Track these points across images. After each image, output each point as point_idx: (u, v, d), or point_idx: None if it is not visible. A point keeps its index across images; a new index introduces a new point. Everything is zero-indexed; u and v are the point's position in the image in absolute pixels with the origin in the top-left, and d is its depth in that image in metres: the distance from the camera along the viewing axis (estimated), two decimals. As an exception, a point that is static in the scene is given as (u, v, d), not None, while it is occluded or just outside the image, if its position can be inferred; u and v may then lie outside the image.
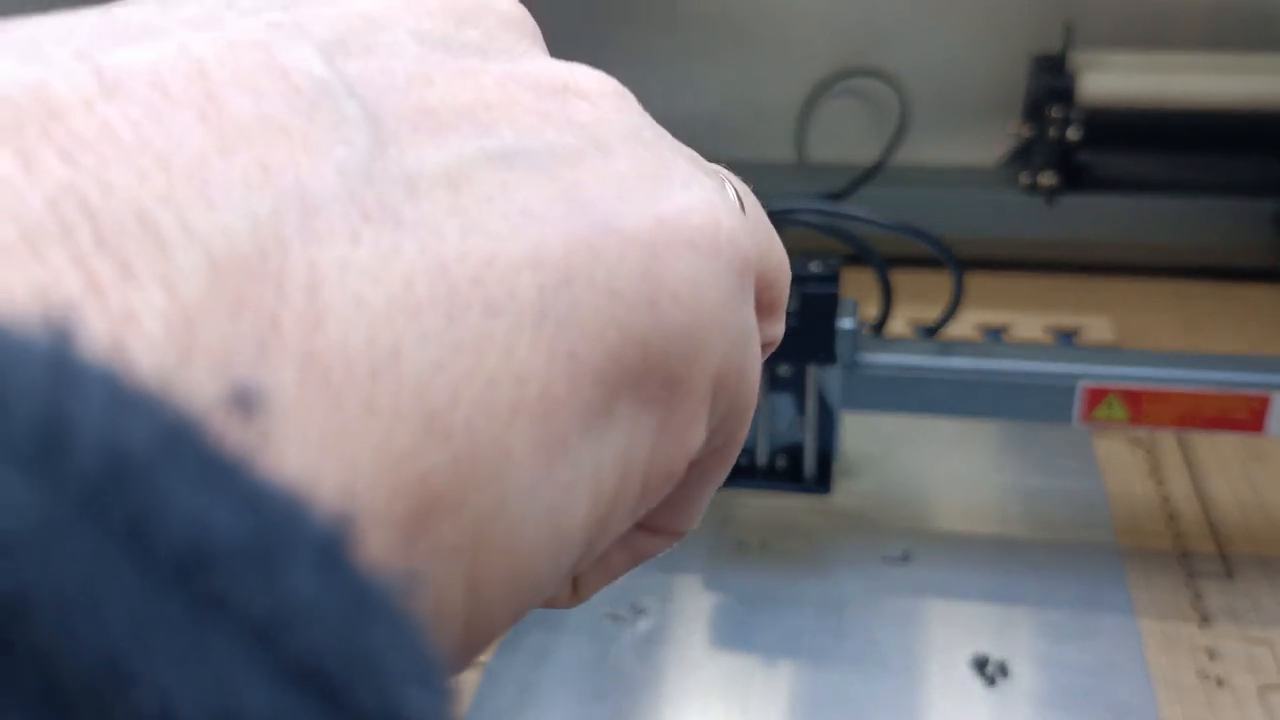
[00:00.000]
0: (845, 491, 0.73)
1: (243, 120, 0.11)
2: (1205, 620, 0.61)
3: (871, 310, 0.68)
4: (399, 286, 0.11)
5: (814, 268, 0.60)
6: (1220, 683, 0.57)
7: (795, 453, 0.65)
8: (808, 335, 0.61)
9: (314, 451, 0.10)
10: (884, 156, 0.98)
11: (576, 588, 0.17)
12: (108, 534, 0.08)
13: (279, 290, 0.10)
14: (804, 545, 0.69)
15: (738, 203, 0.16)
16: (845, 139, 1.10)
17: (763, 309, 0.16)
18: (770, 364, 0.63)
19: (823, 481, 0.66)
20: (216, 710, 0.08)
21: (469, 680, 0.59)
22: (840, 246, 0.64)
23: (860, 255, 0.65)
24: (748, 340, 0.15)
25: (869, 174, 0.97)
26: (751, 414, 0.16)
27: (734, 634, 0.61)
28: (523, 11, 0.16)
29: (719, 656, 0.60)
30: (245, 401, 0.09)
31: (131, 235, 0.09)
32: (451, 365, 0.11)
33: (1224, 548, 0.67)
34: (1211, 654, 0.59)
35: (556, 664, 0.60)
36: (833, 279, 0.60)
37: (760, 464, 0.66)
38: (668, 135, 0.16)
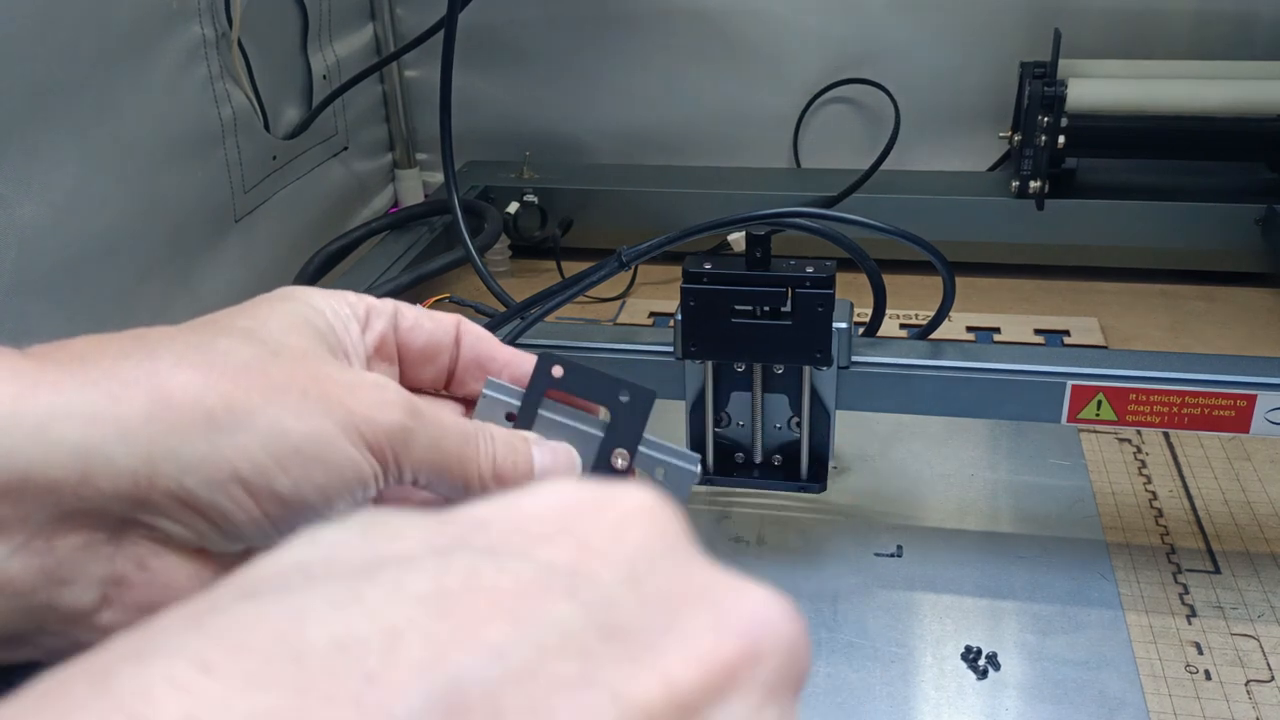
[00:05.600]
0: (839, 488, 0.74)
1: None
2: (1192, 614, 0.63)
3: (865, 312, 0.70)
4: None
5: (809, 271, 0.61)
6: (1207, 675, 0.58)
7: (791, 451, 0.66)
8: (803, 336, 0.62)
9: None
10: (878, 163, 0.99)
11: None
12: None
13: None
14: (799, 541, 0.70)
15: None
16: (840, 146, 1.11)
17: None
18: (767, 364, 0.65)
19: (818, 479, 0.67)
20: None
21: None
22: (835, 250, 0.66)
23: (854, 259, 0.66)
24: None
25: (863, 180, 0.98)
26: None
27: (732, 627, 0.62)
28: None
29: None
30: None
31: None
32: None
33: (1210, 543, 0.68)
34: (1198, 647, 0.60)
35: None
36: (828, 282, 0.61)
37: (757, 462, 0.67)
38: None
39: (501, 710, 0.14)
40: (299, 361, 0.26)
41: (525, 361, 0.32)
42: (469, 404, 0.32)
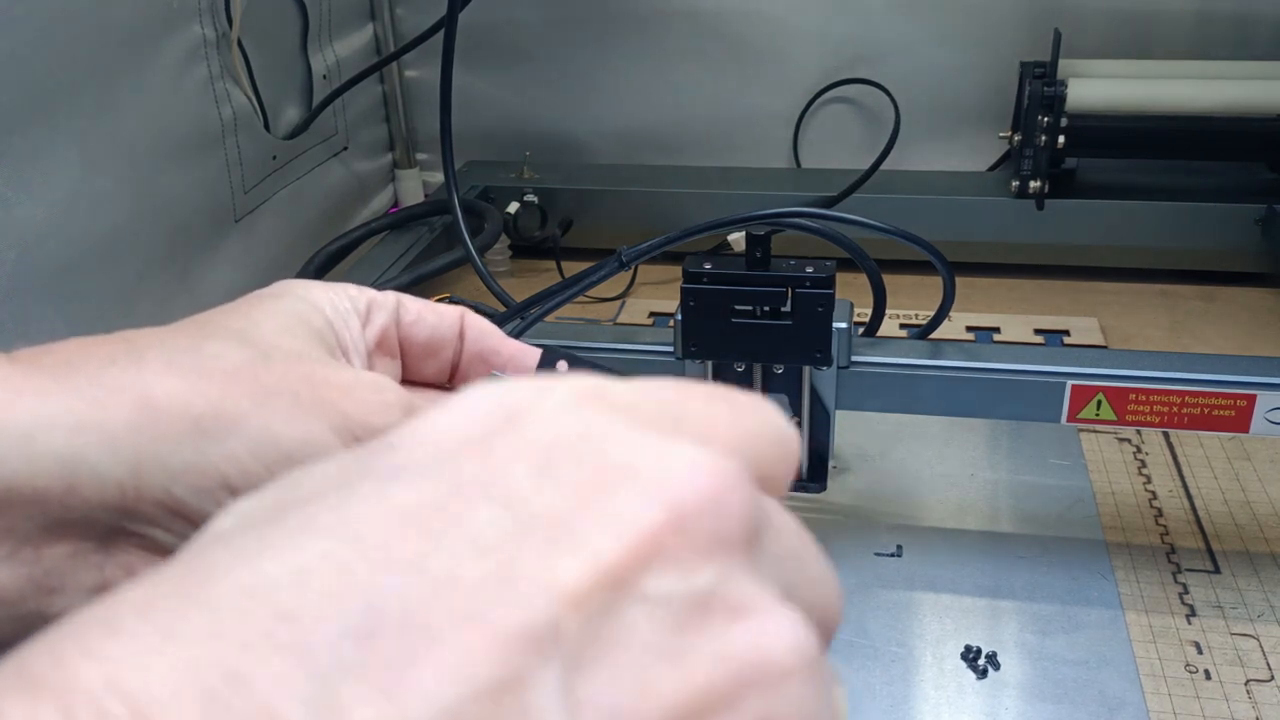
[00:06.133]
0: (840, 488, 0.74)
1: None
2: (1192, 614, 0.63)
3: (865, 312, 0.70)
4: None
5: (809, 271, 0.61)
6: (1207, 675, 0.58)
7: (791, 451, 0.67)
8: (803, 336, 0.62)
9: None
10: (878, 163, 0.99)
11: None
12: None
13: None
14: (800, 541, 0.70)
15: None
16: (840, 146, 1.11)
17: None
18: (767, 364, 0.65)
19: (818, 479, 0.67)
20: None
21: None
22: (835, 250, 0.66)
23: (854, 258, 0.66)
24: None
25: (863, 180, 0.98)
26: None
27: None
28: (746, 510, 0.16)
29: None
30: None
31: None
32: None
33: (1210, 543, 0.68)
34: (1198, 647, 0.60)
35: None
36: (828, 282, 0.61)
37: (757, 462, 0.67)
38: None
39: (423, 617, 0.14)
40: (292, 364, 0.26)
41: (530, 356, 0.31)
42: None
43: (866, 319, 0.70)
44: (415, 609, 0.14)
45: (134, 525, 0.23)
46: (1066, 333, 0.92)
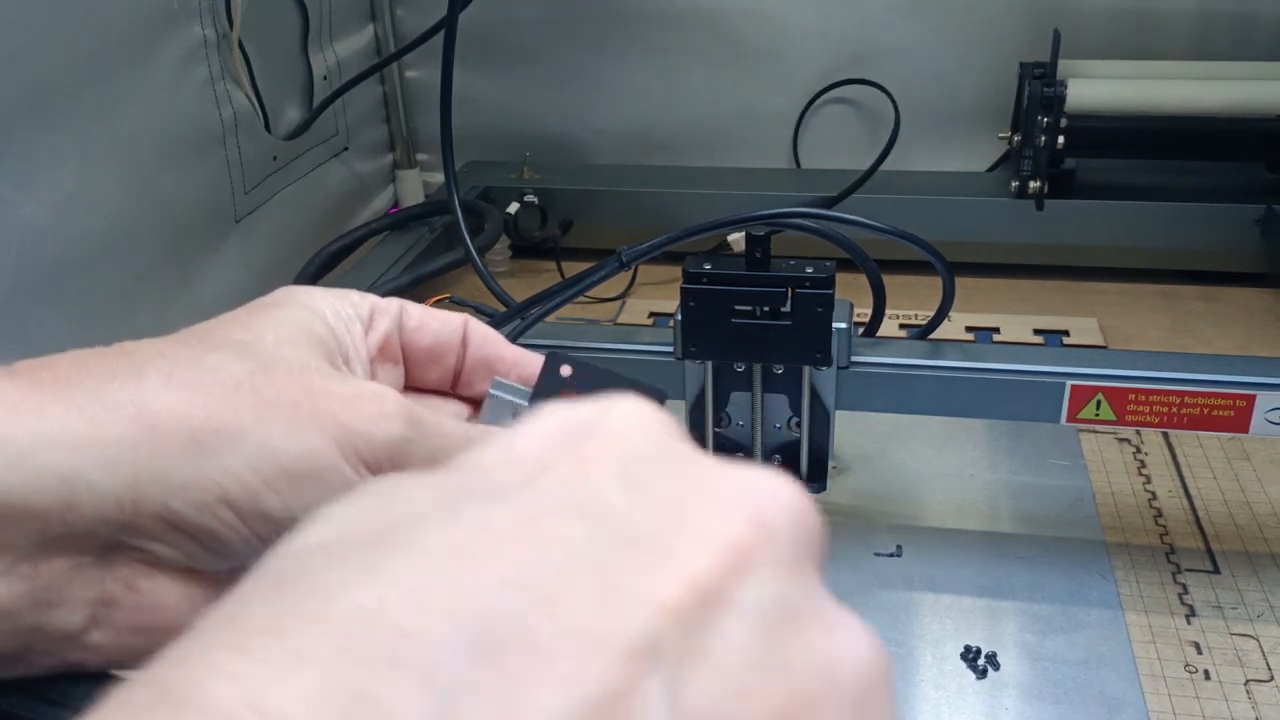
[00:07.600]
0: (839, 489, 0.74)
1: None
2: (1191, 614, 0.63)
3: (865, 312, 0.70)
4: None
5: (809, 271, 0.61)
6: (1206, 675, 0.58)
7: (791, 451, 0.67)
8: (803, 337, 0.62)
9: None
10: (877, 163, 0.99)
11: None
12: None
13: None
14: (799, 542, 0.70)
15: None
16: (840, 146, 1.12)
17: None
18: (767, 364, 0.65)
19: (817, 479, 0.67)
20: None
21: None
22: (835, 250, 0.66)
23: (854, 259, 0.66)
24: None
25: (863, 180, 0.98)
26: None
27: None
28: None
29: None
30: None
31: None
32: None
33: (1210, 543, 0.69)
34: (1197, 647, 0.60)
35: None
36: (827, 282, 0.61)
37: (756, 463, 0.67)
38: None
39: (535, 634, 0.14)
40: (293, 375, 0.26)
41: (533, 361, 0.31)
42: (476, 404, 0.32)
43: (866, 319, 0.70)
44: (526, 626, 0.14)
45: (133, 539, 0.23)
46: (1066, 333, 0.92)
